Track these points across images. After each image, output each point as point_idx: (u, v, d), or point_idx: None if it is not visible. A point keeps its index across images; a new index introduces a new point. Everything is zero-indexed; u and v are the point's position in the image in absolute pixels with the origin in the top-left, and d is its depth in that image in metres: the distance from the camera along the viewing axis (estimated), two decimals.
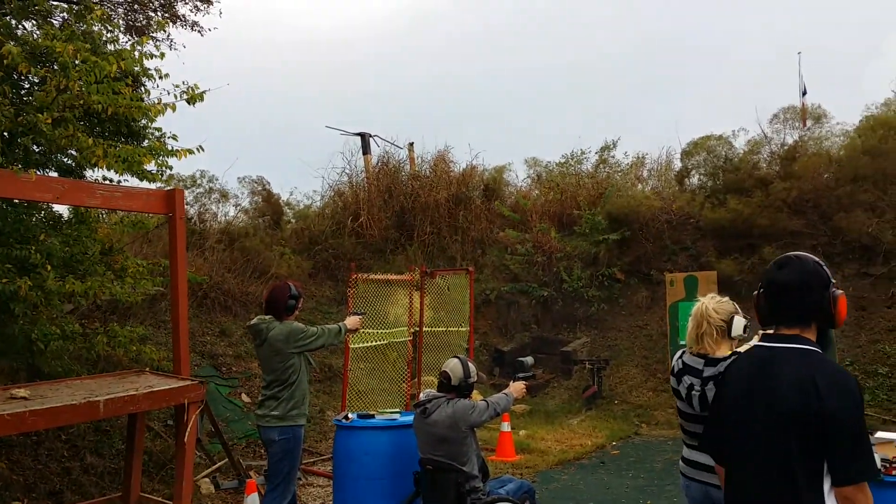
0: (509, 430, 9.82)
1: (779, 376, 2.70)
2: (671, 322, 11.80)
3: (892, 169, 12.59)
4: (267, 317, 5.88)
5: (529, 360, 6.31)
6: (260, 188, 16.14)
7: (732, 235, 13.38)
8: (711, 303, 4.07)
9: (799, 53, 15.96)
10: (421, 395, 5.56)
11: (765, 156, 14.27)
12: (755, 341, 3.00)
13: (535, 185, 18.16)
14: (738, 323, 4.00)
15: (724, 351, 3.95)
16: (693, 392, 3.89)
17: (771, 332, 2.88)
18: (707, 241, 13.96)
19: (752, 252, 12.98)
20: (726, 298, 4.14)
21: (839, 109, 17.75)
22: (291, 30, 47.36)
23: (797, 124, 14.20)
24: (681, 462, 4.11)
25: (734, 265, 12.95)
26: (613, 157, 17.69)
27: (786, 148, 14.07)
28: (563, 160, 17.98)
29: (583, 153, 17.67)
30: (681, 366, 4.05)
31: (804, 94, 14.87)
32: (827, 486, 2.60)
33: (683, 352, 4.11)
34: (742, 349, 4.30)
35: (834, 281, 2.82)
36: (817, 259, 2.86)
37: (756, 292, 2.96)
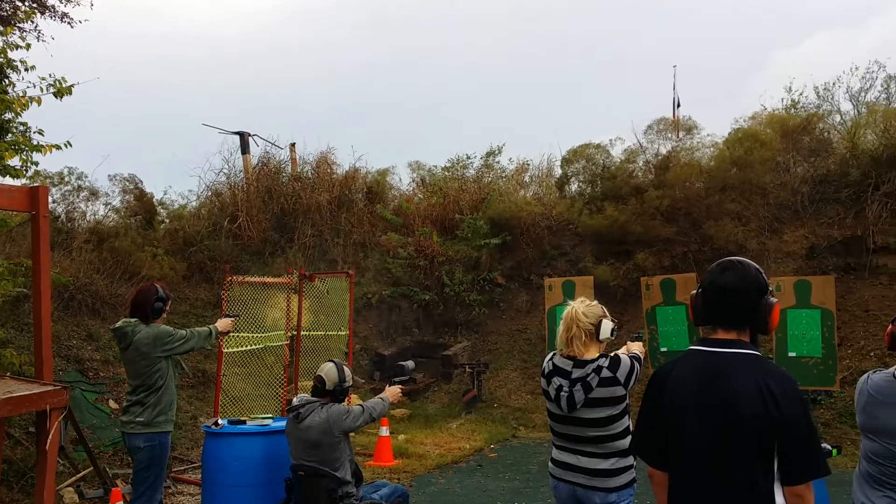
0: (388, 434, 9.74)
1: (734, 382, 2.72)
2: (550, 326, 11.95)
3: (757, 179, 13.20)
4: (132, 320, 5.65)
5: (410, 364, 6.27)
6: (132, 187, 15.52)
7: (609, 241, 13.74)
8: (581, 307, 4.12)
9: (674, 67, 16.62)
10: (294, 399, 5.42)
11: (640, 164, 14.72)
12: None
13: (419, 189, 18.15)
14: (606, 326, 4.08)
15: (592, 353, 4.02)
16: (562, 393, 3.93)
17: (714, 336, 2.91)
18: (585, 247, 14.29)
19: (628, 258, 13.37)
20: (595, 302, 4.21)
21: (717, 122, 18.54)
22: (169, 22, 45.94)
23: (670, 135, 14.72)
24: (550, 463, 4.14)
25: (610, 270, 13.31)
26: (498, 162, 17.90)
27: (659, 157, 14.56)
28: (448, 164, 18.06)
29: (468, 158, 17.80)
30: (551, 367, 4.09)
31: (678, 106, 15.44)
32: (776, 485, 2.69)
33: (554, 354, 4.15)
34: (623, 352, 4.40)
35: (771, 289, 2.89)
36: (757, 266, 2.92)
37: (694, 292, 3.00)
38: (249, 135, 17.52)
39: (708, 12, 37.95)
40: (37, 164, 6.97)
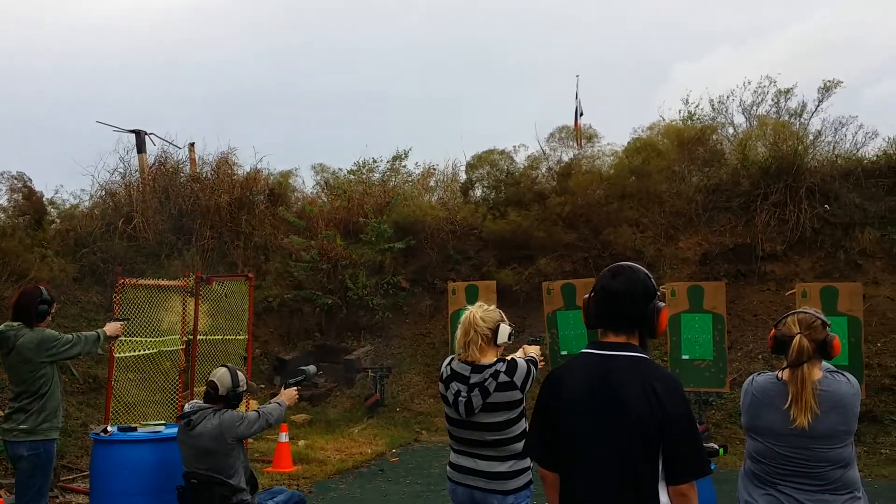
0: (287, 440, 9.57)
1: (622, 384, 2.78)
2: (453, 330, 11.96)
3: (654, 188, 13.59)
4: (15, 323, 5.39)
5: (312, 368, 6.16)
6: (20, 185, 14.83)
7: (512, 246, 13.89)
8: (479, 311, 4.14)
9: (577, 76, 16.99)
10: (186, 406, 5.26)
11: (543, 171, 14.97)
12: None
13: (323, 191, 17.96)
14: (504, 331, 4.11)
15: (489, 358, 4.04)
16: (460, 398, 3.94)
17: (605, 339, 2.96)
18: (488, 252, 14.40)
19: (530, 263, 13.55)
20: (493, 307, 4.23)
21: (623, 132, 18.99)
22: (60, 13, 44.17)
23: (572, 143, 15.01)
24: (448, 467, 4.15)
25: (513, 275, 13.46)
26: (405, 166, 17.87)
27: (562, 165, 14.82)
28: (354, 168, 17.91)
29: (374, 162, 17.70)
30: (449, 372, 4.09)
31: (580, 115, 15.73)
32: (661, 485, 2.74)
33: (452, 358, 4.16)
34: (520, 355, 4.44)
35: (659, 293, 2.94)
36: (647, 271, 2.98)
37: (587, 296, 3.03)
38: (146, 133, 16.98)
39: (616, 25, 38.97)
40: None
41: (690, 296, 10.68)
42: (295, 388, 5.62)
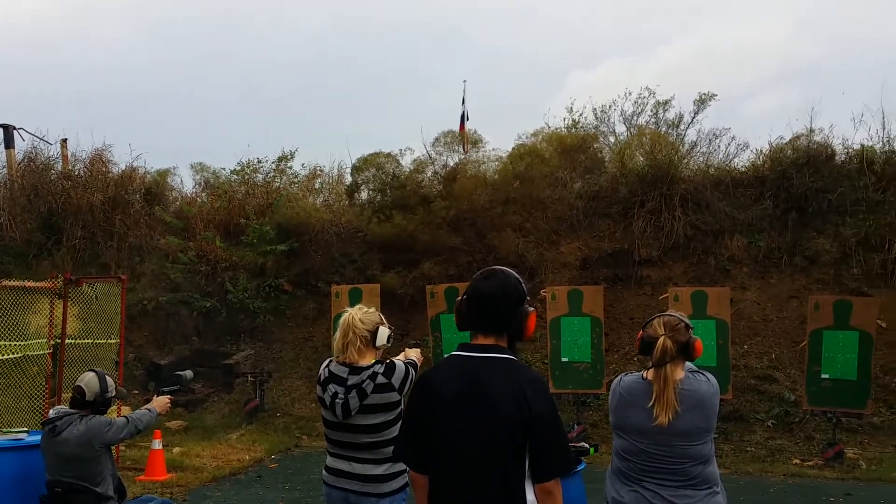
0: (161, 447, 9.22)
1: (490, 385, 2.80)
2: (335, 333, 11.85)
3: (536, 193, 13.83)
4: None
5: (188, 373, 5.94)
6: None
7: (397, 250, 13.85)
8: (358, 313, 4.13)
9: (464, 82, 17.10)
10: (51, 411, 4.98)
11: (429, 175, 14.98)
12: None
13: (203, 191, 17.44)
14: (383, 333, 4.11)
15: (368, 360, 4.03)
16: (337, 400, 3.92)
17: (474, 341, 2.97)
18: (373, 255, 14.31)
19: (415, 266, 13.54)
20: (373, 309, 4.22)
21: (512, 138, 19.08)
22: None
23: (457, 148, 15.10)
24: (323, 471, 4.11)
25: (397, 278, 13.42)
26: (291, 167, 17.52)
27: (447, 169, 14.89)
28: (238, 168, 17.45)
29: (259, 162, 17.28)
30: (327, 374, 4.05)
31: (466, 119, 15.84)
32: (528, 483, 2.78)
33: (330, 361, 4.12)
34: (401, 358, 4.41)
35: (529, 297, 2.98)
36: (518, 276, 3.02)
37: (459, 299, 3.05)
38: (14, 128, 16.13)
39: (514, 32, 39.52)
40: None
41: (570, 300, 10.93)
42: (168, 396, 5.40)
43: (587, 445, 5.12)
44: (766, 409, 11.04)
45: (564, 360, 10.85)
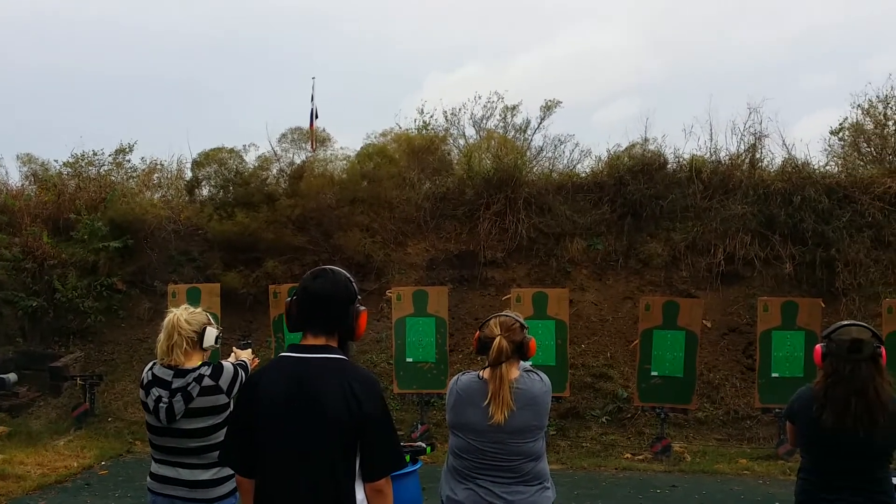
0: None
1: (322, 386, 2.80)
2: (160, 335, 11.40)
3: (384, 194, 13.80)
4: None
5: (11, 377, 5.57)
6: None
7: (239, 248, 13.49)
8: (184, 314, 4.03)
9: (313, 78, 16.75)
10: None
11: (274, 173, 14.68)
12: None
13: (31, 184, 16.34)
14: (210, 334, 4.03)
15: (194, 362, 3.97)
16: (161, 404, 3.79)
17: (304, 342, 2.97)
18: (214, 253, 13.87)
19: (258, 265, 13.23)
20: (199, 309, 4.14)
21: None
22: None
23: (305, 145, 14.86)
24: (148, 478, 3.97)
25: (240, 278, 13.07)
26: (129, 161, 16.71)
27: (294, 167, 14.63)
28: (71, 160, 16.44)
29: (95, 154, 16.36)
30: (150, 378, 3.91)
31: (315, 117, 15.61)
32: (358, 483, 2.81)
33: (154, 363, 3.99)
34: (231, 360, 4.28)
35: (360, 297, 3.02)
36: (349, 275, 3.06)
37: (289, 299, 3.05)
38: None
39: (377, 32, 39.22)
40: None
41: (415, 300, 10.97)
42: None
43: (424, 445, 5.15)
44: (601, 405, 11.48)
45: (409, 360, 10.88)
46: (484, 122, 17.43)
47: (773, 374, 10.15)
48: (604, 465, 9.91)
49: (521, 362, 3.82)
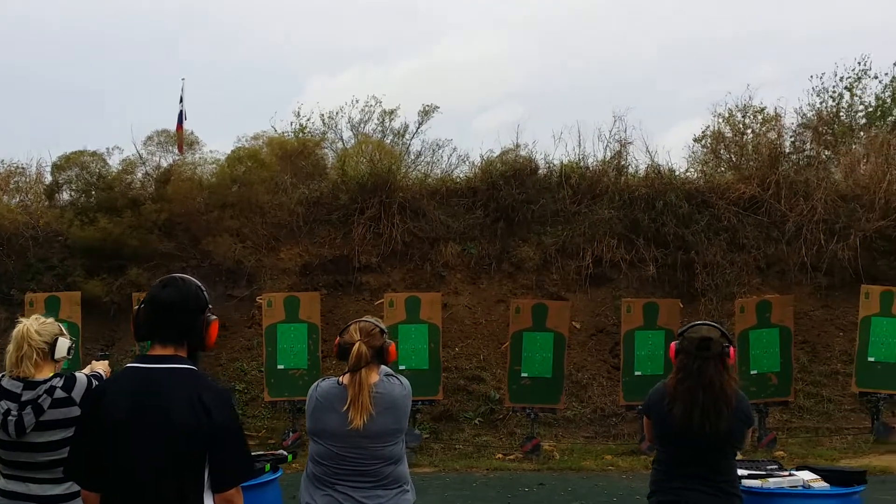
0: None
1: (169, 396, 2.73)
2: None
3: (256, 198, 13.56)
4: None
5: None
6: None
7: (102, 255, 12.99)
8: (35, 324, 3.87)
9: (182, 79, 16.29)
10: None
11: (139, 177, 14.21)
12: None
13: None
14: (63, 344, 3.89)
15: (45, 373, 3.81)
16: (9, 418, 3.65)
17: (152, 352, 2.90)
18: (76, 260, 13.30)
19: (122, 272, 12.76)
20: (51, 319, 3.98)
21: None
22: None
23: (172, 148, 14.44)
24: None
25: (102, 285, 12.58)
26: None
27: (160, 171, 14.20)
28: None
29: None
30: None
31: (184, 118, 15.19)
32: (207, 493, 2.74)
33: (3, 376, 3.82)
34: (87, 371, 4.13)
35: (211, 306, 2.94)
36: (199, 283, 2.96)
37: (136, 308, 2.94)
38: None
39: (256, 32, 38.31)
40: None
41: (287, 306, 10.84)
42: None
43: (285, 453, 5.10)
44: (474, 407, 11.64)
45: (280, 367, 10.72)
46: (362, 126, 17.43)
47: (637, 373, 10.53)
48: (476, 466, 10.04)
49: (382, 367, 3.84)
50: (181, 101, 15.14)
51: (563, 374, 10.72)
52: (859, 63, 19.70)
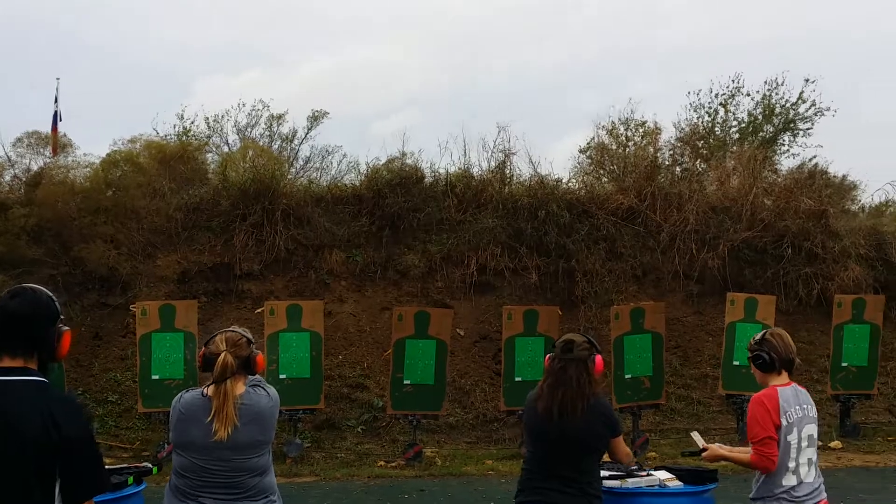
0: None
1: (17, 409, 2.63)
2: None
3: (131, 203, 13.13)
4: None
5: None
6: None
7: None
8: None
9: (57, 79, 15.63)
10: None
11: (7, 179, 13.56)
12: None
13: None
14: None
15: None
16: None
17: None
18: None
19: None
20: None
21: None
22: None
23: (44, 150, 13.84)
24: None
25: None
26: None
27: (30, 174, 13.58)
28: None
29: None
30: None
31: (59, 120, 14.60)
32: None
33: None
34: None
35: (63, 316, 2.86)
36: (50, 294, 2.86)
37: None
38: None
39: (124, 36, 36.89)
40: None
41: (162, 315, 10.54)
42: None
43: (150, 465, 4.95)
44: (357, 415, 11.58)
45: (155, 377, 10.39)
46: (249, 130, 17.14)
47: (517, 378, 10.69)
48: (357, 474, 9.97)
49: (250, 377, 3.78)
50: (56, 101, 14.57)
51: (445, 381, 10.78)
52: (733, 81, 20.75)
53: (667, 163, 17.21)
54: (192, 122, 16.78)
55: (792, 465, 3.93)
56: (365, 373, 12.26)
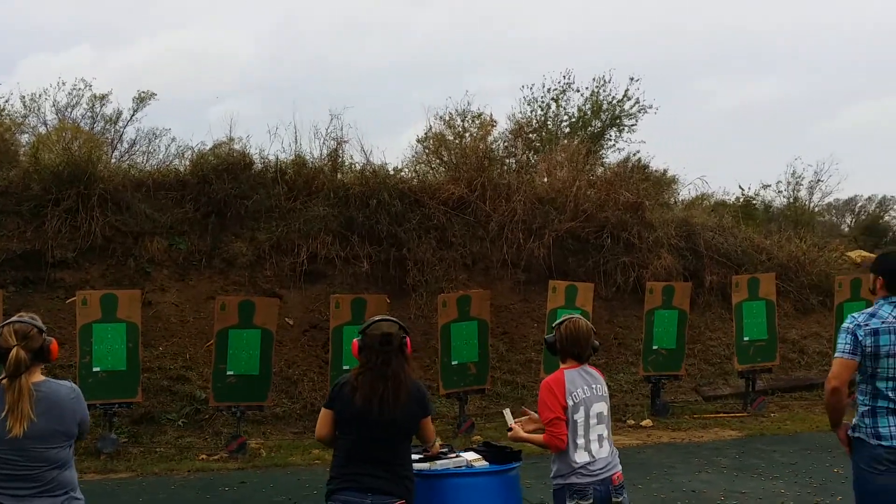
0: None
1: None
2: None
3: None
4: None
5: None
6: None
7: None
8: None
9: None
10: None
11: None
12: None
13: None
14: None
15: None
16: None
17: None
18: None
19: None
20: None
21: None
22: None
23: None
24: None
25: None
26: None
27: None
28: None
29: None
30: None
31: None
32: None
33: None
34: None
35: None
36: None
37: None
38: None
39: None
40: None
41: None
42: None
43: None
44: (178, 408, 11.15)
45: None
46: (69, 111, 16.15)
47: (345, 367, 10.56)
48: (177, 468, 9.59)
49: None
50: None
51: (270, 371, 10.56)
52: (564, 77, 21.57)
53: (501, 154, 17.66)
54: (7, 101, 15.63)
55: (581, 441, 4.13)
56: (187, 364, 11.82)
